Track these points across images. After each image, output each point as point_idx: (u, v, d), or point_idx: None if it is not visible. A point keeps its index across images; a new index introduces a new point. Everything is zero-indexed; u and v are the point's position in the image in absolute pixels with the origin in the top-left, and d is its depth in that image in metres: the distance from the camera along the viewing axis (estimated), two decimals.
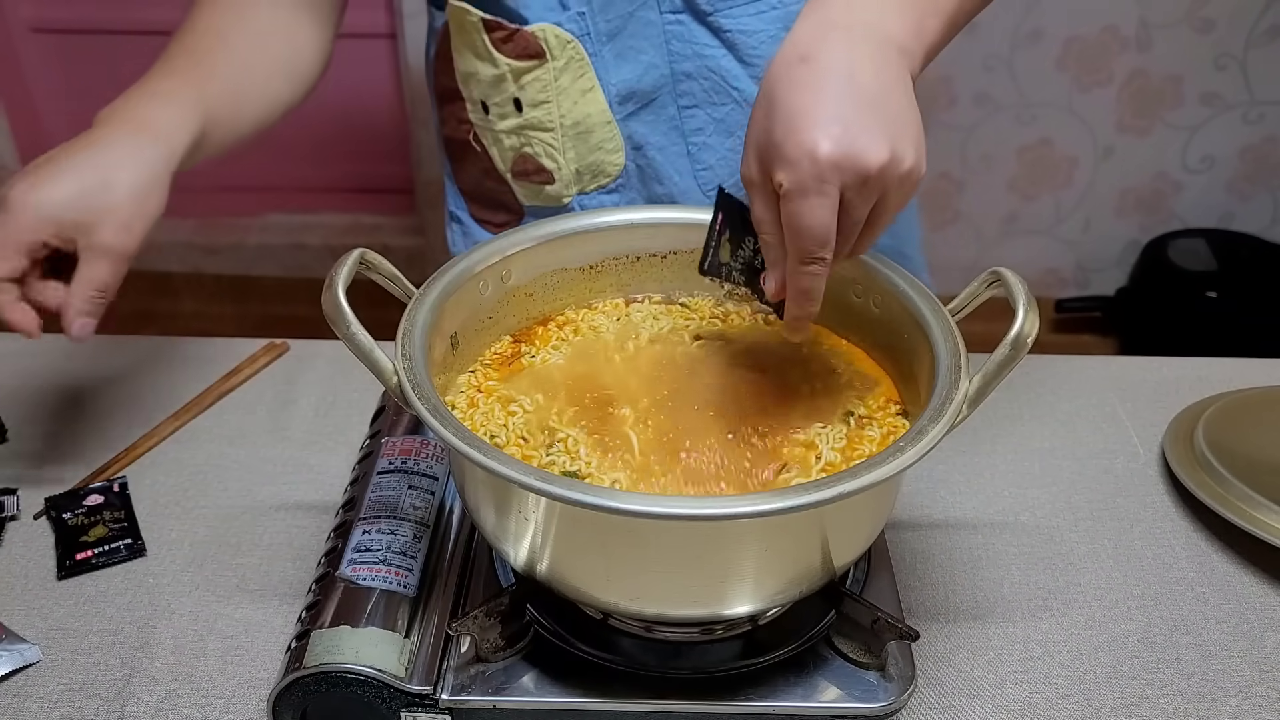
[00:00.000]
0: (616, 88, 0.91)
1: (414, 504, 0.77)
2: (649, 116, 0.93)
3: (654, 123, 0.93)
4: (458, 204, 1.07)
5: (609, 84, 0.91)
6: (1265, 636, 0.78)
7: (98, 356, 1.06)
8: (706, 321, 0.80)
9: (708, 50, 0.90)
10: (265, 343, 1.07)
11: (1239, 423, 0.93)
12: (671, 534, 0.59)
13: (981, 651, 0.76)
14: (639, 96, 0.92)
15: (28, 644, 0.76)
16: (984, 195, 2.49)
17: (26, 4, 2.48)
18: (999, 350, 0.61)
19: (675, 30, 0.89)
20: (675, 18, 0.88)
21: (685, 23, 0.89)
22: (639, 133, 0.94)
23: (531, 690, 0.67)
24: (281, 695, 0.66)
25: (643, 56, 0.90)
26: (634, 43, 0.89)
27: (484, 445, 0.58)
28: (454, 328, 0.72)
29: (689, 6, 0.88)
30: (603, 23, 0.88)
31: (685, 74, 0.91)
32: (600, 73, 0.90)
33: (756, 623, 0.71)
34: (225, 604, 0.80)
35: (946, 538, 0.86)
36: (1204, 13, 2.24)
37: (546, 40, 0.88)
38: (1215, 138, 2.40)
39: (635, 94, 0.92)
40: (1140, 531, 0.87)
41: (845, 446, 0.68)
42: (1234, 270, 2.36)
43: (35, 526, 0.87)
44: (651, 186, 0.96)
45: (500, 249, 0.75)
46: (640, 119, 0.93)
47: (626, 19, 0.88)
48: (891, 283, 0.72)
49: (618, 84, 0.91)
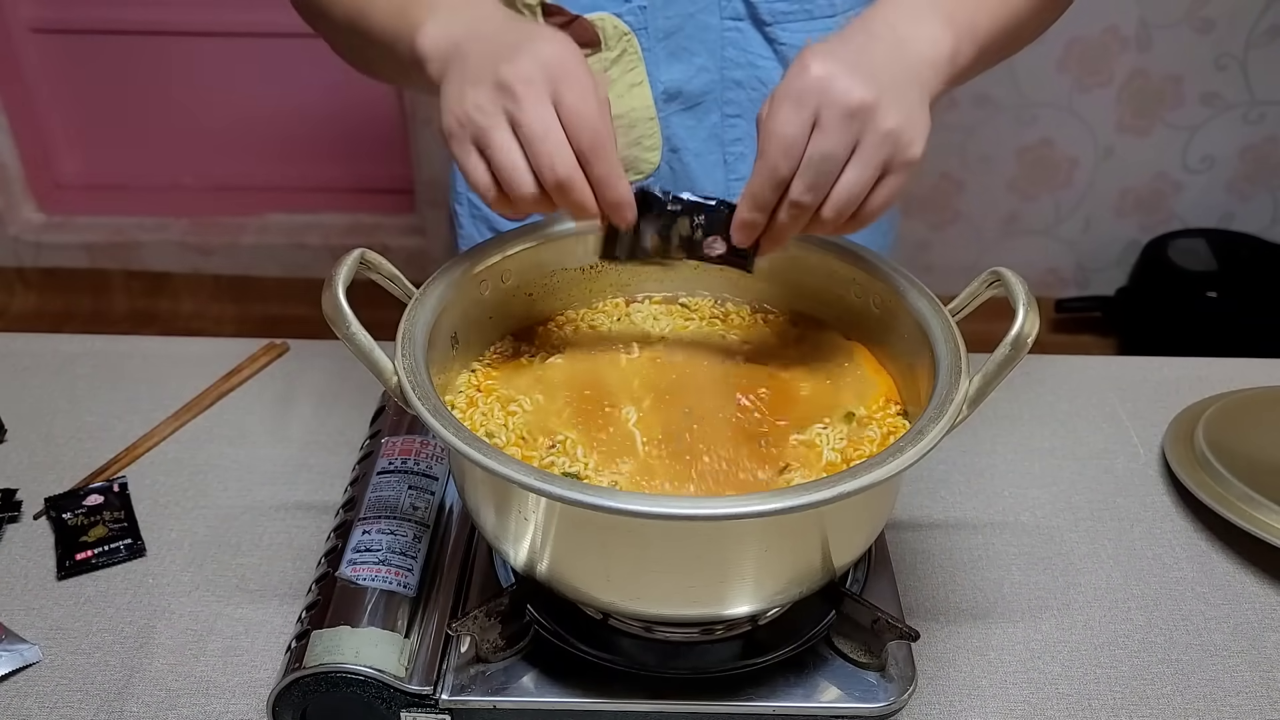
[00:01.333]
0: (664, 85, 0.91)
1: (414, 504, 0.77)
2: (691, 120, 0.93)
3: (695, 127, 0.93)
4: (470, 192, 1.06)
5: (657, 81, 0.91)
6: (1265, 636, 0.78)
7: (98, 356, 1.06)
8: (706, 322, 0.80)
9: (761, 61, 0.90)
10: (265, 343, 1.07)
11: (1239, 423, 0.93)
12: (671, 534, 0.59)
13: (981, 651, 0.76)
14: (685, 98, 0.92)
15: (28, 644, 0.76)
16: (984, 195, 2.49)
17: (26, 4, 2.48)
18: (999, 350, 0.61)
19: (732, 37, 0.89)
20: (735, 24, 0.89)
21: (744, 30, 0.89)
22: (678, 135, 0.94)
23: (531, 690, 0.67)
24: (281, 695, 0.66)
25: (696, 59, 0.90)
26: (689, 44, 0.89)
27: (484, 445, 0.58)
28: (454, 328, 0.72)
29: (751, 15, 0.88)
30: (662, 19, 0.88)
31: (735, 81, 0.91)
32: (651, 68, 0.90)
33: (756, 623, 0.71)
34: (225, 604, 0.80)
35: (946, 538, 0.86)
36: (1204, 13, 2.24)
37: (604, 29, 0.88)
38: (1215, 138, 2.40)
39: (682, 94, 0.92)
40: (1140, 531, 0.87)
41: (845, 446, 0.68)
42: (1234, 270, 2.36)
43: (35, 526, 0.87)
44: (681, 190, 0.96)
45: (500, 249, 0.75)
46: (682, 121, 0.93)
47: (686, 19, 0.88)
48: (891, 282, 0.72)
49: (666, 82, 0.91)
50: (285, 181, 2.68)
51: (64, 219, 2.73)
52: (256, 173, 2.66)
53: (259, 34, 2.46)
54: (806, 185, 0.61)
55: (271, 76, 2.53)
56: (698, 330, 0.79)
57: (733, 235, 0.66)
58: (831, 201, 0.62)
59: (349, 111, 2.57)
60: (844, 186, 0.61)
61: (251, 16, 2.43)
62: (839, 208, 0.62)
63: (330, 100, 2.56)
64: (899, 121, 0.61)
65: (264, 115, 2.58)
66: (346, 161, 2.65)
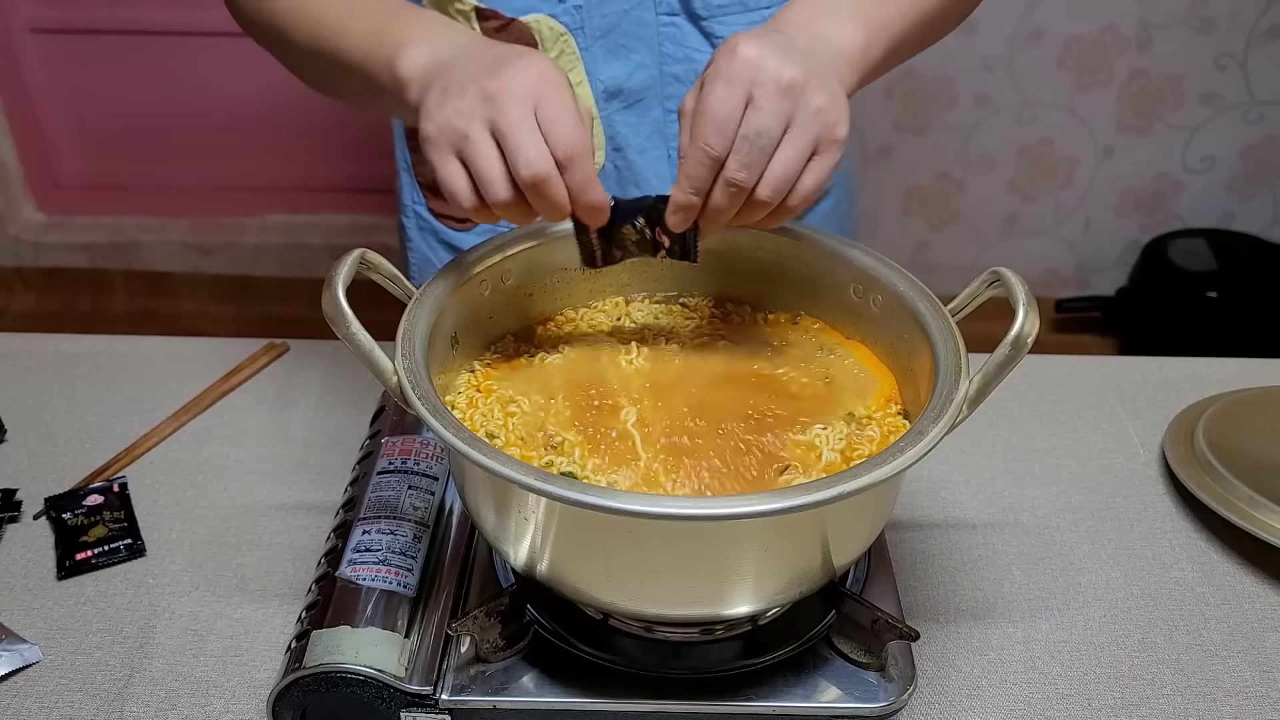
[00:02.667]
0: (605, 84, 0.91)
1: (414, 504, 0.77)
2: (633, 117, 0.93)
3: (637, 124, 0.94)
4: (415, 198, 1.07)
5: (597, 80, 0.91)
6: (1265, 636, 0.78)
7: (98, 356, 1.06)
8: (707, 321, 0.80)
9: (698, 55, 0.90)
10: (265, 343, 1.08)
11: (1239, 423, 0.93)
12: (671, 534, 0.59)
13: (981, 651, 0.76)
14: (626, 95, 0.92)
15: (28, 644, 0.76)
16: (984, 195, 2.49)
17: (26, 4, 2.48)
18: (999, 350, 0.61)
19: (669, 32, 0.90)
20: (670, 19, 0.89)
21: (679, 25, 0.89)
22: (621, 133, 0.94)
23: (531, 690, 0.67)
24: (281, 695, 0.66)
25: (634, 55, 0.90)
26: (626, 41, 0.90)
27: (484, 445, 0.58)
28: (454, 328, 0.72)
29: (685, 9, 0.89)
30: (598, 18, 0.88)
31: (674, 76, 0.91)
32: (590, 67, 0.90)
33: (756, 623, 0.71)
34: (225, 604, 0.80)
35: (946, 538, 0.86)
36: (1204, 13, 2.24)
37: (540, 31, 0.88)
38: (1215, 138, 2.40)
39: (623, 92, 0.92)
40: (1140, 531, 0.87)
41: (845, 446, 0.68)
42: (1234, 270, 2.36)
43: (35, 526, 0.87)
44: (628, 189, 0.96)
45: (500, 249, 0.75)
46: (624, 119, 0.93)
47: (621, 16, 0.88)
48: (891, 282, 0.72)
49: (606, 80, 0.91)
50: (285, 181, 2.67)
51: (64, 219, 2.73)
52: (256, 173, 2.66)
53: None
54: (742, 162, 0.62)
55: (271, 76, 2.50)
56: (698, 330, 0.79)
57: (668, 219, 0.66)
58: (767, 179, 0.63)
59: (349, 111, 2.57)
60: (779, 163, 0.63)
61: None
62: (775, 185, 0.63)
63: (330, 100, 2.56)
64: (827, 101, 0.63)
65: (264, 115, 2.57)
66: (347, 161, 2.64)
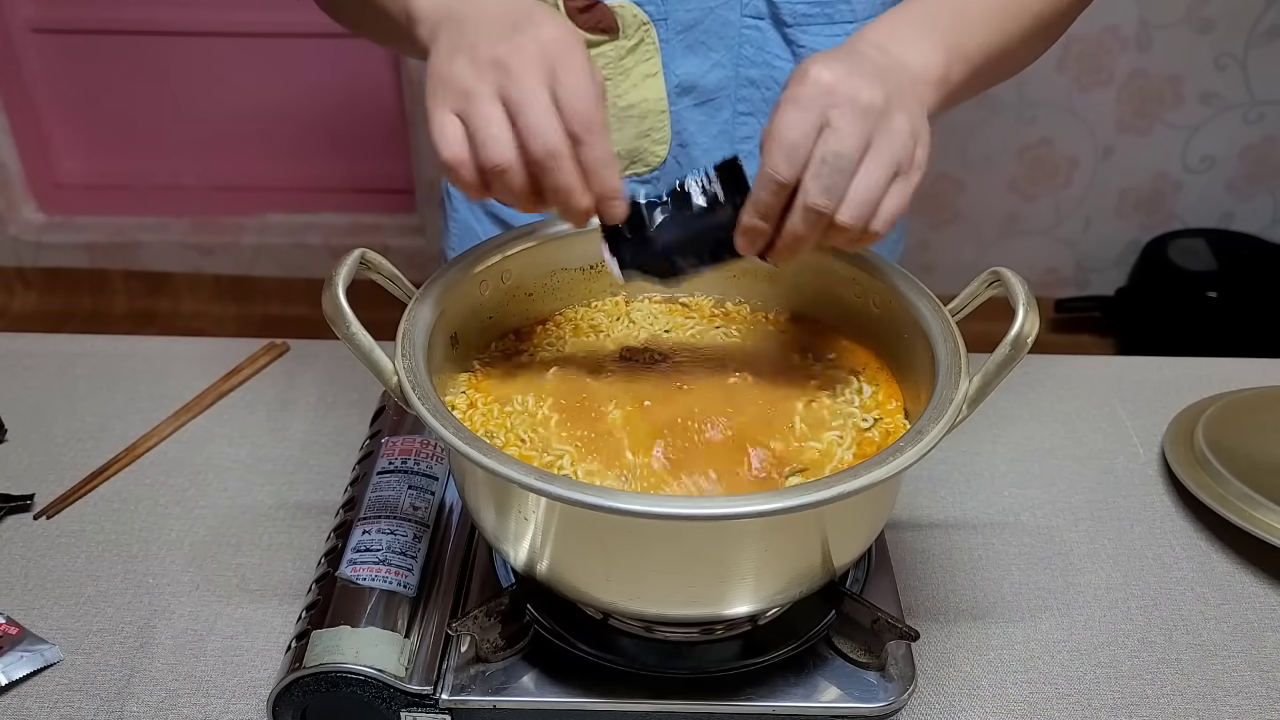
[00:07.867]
0: (679, 78, 0.90)
1: (414, 504, 0.77)
2: (702, 116, 0.93)
3: (706, 123, 0.93)
4: None
5: (672, 73, 0.90)
6: (1265, 636, 0.78)
7: (98, 356, 1.06)
8: (706, 321, 0.80)
9: (777, 61, 0.90)
10: (265, 343, 1.07)
11: (1239, 423, 0.93)
12: (671, 534, 0.59)
13: (981, 651, 0.76)
14: (699, 92, 0.91)
15: (49, 644, 0.76)
16: (984, 195, 2.49)
17: (26, 4, 2.48)
18: (999, 350, 0.61)
19: (751, 35, 0.89)
20: (755, 23, 0.88)
21: (763, 29, 0.89)
22: (688, 130, 0.93)
23: (531, 690, 0.67)
24: (281, 695, 0.66)
25: (712, 54, 0.90)
26: (707, 38, 0.89)
27: (484, 445, 0.58)
28: (454, 328, 0.72)
29: (772, 14, 0.88)
30: (682, 12, 0.88)
31: (750, 80, 0.91)
32: (666, 60, 0.90)
33: (756, 623, 0.71)
34: (225, 604, 0.80)
35: (946, 538, 0.86)
36: (1204, 13, 2.24)
37: (623, 17, 0.88)
38: (1215, 138, 2.40)
39: (696, 89, 0.91)
40: (1140, 531, 0.87)
41: (846, 447, 0.68)
42: (1234, 270, 2.36)
43: (36, 526, 0.87)
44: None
45: (500, 249, 0.75)
46: (694, 116, 0.93)
47: (706, 13, 0.88)
48: (891, 283, 0.72)
49: (681, 75, 0.90)
50: (285, 181, 2.68)
51: (64, 219, 2.73)
52: (256, 173, 2.66)
53: (259, 34, 2.46)
54: (821, 187, 0.59)
55: (271, 76, 2.53)
56: (697, 330, 0.79)
57: (736, 242, 0.64)
58: (848, 203, 0.60)
59: (349, 111, 2.57)
60: (860, 186, 0.60)
61: (251, 16, 2.43)
62: (856, 210, 0.60)
63: (330, 100, 2.56)
64: (907, 122, 0.61)
65: (264, 115, 2.58)
66: (346, 161, 2.65)
